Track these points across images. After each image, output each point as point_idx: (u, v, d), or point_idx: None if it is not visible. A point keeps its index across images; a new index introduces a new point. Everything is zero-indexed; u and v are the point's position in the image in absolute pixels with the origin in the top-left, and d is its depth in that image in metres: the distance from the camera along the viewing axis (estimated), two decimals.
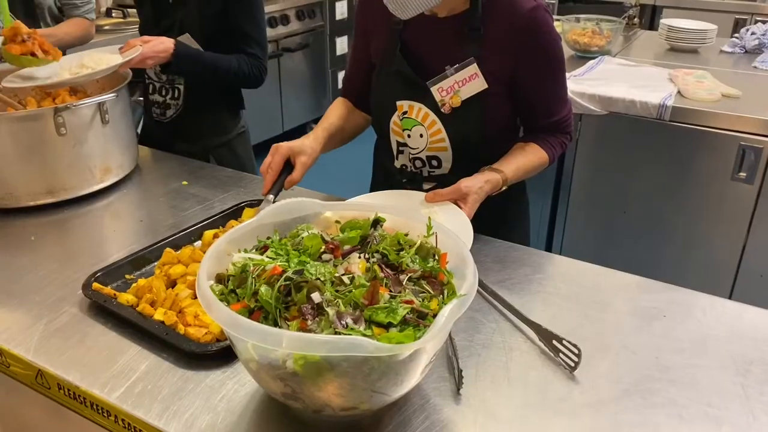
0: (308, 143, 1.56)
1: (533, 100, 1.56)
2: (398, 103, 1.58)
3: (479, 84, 1.48)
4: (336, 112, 1.72)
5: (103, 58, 1.81)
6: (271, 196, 1.49)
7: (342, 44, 5.39)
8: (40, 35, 1.81)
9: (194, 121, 2.18)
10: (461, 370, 1.10)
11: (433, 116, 1.54)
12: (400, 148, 1.65)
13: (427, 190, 1.55)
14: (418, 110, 1.56)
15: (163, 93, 2.18)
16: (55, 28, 2.49)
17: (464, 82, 1.48)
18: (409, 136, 1.59)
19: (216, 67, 2.02)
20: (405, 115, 1.58)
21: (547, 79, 1.54)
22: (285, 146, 1.53)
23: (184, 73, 2.07)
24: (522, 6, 1.44)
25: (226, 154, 2.24)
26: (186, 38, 2.02)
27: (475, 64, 1.47)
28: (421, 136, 1.57)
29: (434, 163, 1.60)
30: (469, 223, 1.38)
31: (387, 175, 1.72)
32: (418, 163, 1.62)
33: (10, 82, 1.80)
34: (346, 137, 1.73)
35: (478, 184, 1.45)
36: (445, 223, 1.14)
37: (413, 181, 1.65)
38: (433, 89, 1.50)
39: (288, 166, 1.54)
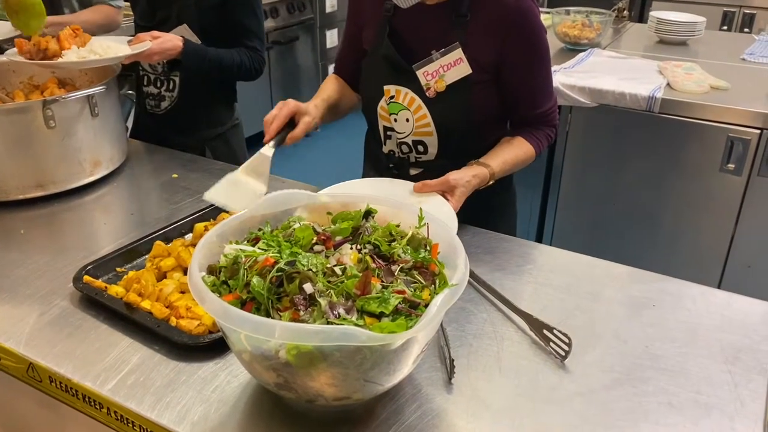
0: (311, 107, 1.57)
1: (518, 90, 1.57)
2: (385, 87, 1.60)
3: (464, 69, 1.50)
4: (331, 86, 1.74)
5: (111, 47, 1.80)
6: (271, 144, 1.44)
7: (332, 37, 5.38)
8: (50, 22, 1.79)
9: (189, 113, 2.17)
10: (453, 360, 1.11)
11: (418, 101, 1.56)
12: (388, 134, 1.67)
13: (414, 176, 1.57)
14: (404, 95, 1.58)
15: (158, 85, 2.17)
16: (73, 15, 2.46)
17: (449, 67, 1.50)
18: (395, 120, 1.62)
19: (221, 62, 2.02)
20: (392, 100, 1.60)
21: (532, 70, 1.55)
22: (293, 103, 1.52)
23: (190, 70, 2.06)
24: None
25: (221, 147, 2.23)
26: (183, 29, 2.01)
27: (459, 49, 1.49)
28: (407, 120, 1.59)
29: (420, 148, 1.62)
30: (455, 216, 1.39)
31: (376, 161, 1.74)
32: (405, 148, 1.64)
33: (17, 56, 1.75)
34: (340, 112, 1.74)
35: (466, 177, 1.46)
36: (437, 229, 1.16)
37: (400, 167, 1.66)
38: (419, 73, 1.53)
39: (290, 123, 1.52)
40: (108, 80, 1.75)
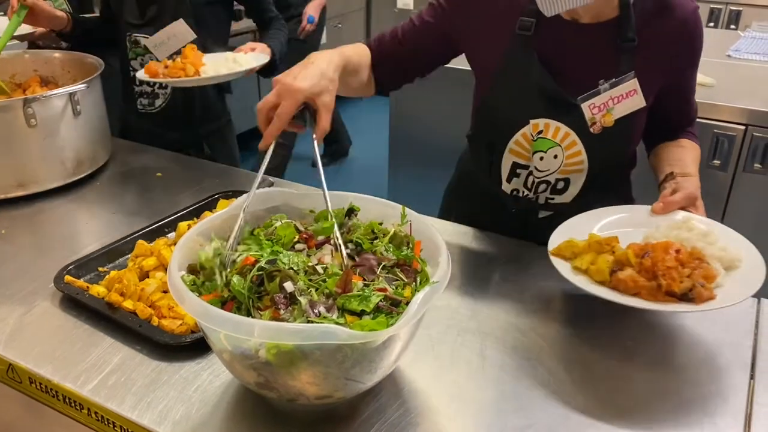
0: (325, 83, 1.17)
1: (679, 104, 1.49)
2: (533, 121, 1.38)
3: (637, 101, 1.34)
4: (357, 50, 1.41)
5: (248, 58, 1.94)
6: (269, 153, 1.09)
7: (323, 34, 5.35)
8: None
9: (184, 108, 2.15)
10: None
11: (573, 136, 1.38)
12: (517, 171, 1.46)
13: (541, 219, 1.48)
14: (555, 129, 1.38)
15: (151, 83, 2.15)
16: None
17: (620, 99, 1.33)
18: (541, 158, 1.41)
19: (285, 46, 2.13)
20: (540, 135, 1.39)
21: (691, 80, 1.47)
22: (300, 90, 1.13)
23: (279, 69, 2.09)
24: (683, 9, 1.34)
25: (218, 142, 2.23)
26: (179, 24, 1.99)
27: (635, 80, 1.32)
28: (556, 157, 1.41)
29: (560, 186, 1.45)
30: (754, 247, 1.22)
31: (487, 201, 1.49)
32: (542, 187, 1.46)
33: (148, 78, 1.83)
34: (351, 89, 1.41)
35: (697, 189, 1.35)
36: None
37: (528, 211, 1.50)
38: (584, 106, 1.34)
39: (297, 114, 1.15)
40: (90, 78, 1.74)
